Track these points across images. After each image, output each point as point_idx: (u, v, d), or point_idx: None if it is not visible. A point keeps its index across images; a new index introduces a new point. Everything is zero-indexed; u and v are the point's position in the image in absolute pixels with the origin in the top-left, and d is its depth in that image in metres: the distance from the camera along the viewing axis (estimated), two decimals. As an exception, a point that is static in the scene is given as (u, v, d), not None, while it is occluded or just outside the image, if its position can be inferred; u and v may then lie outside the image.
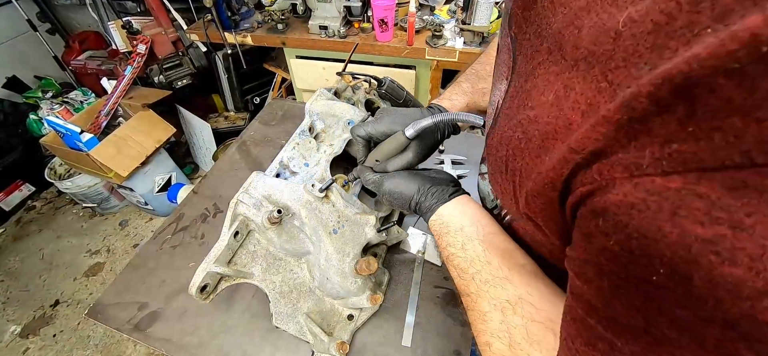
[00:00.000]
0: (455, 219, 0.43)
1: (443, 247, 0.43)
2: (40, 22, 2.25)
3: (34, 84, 2.28)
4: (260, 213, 0.50)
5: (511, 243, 0.40)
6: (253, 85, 2.16)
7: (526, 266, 0.38)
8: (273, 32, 1.57)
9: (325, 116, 0.65)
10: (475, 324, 0.37)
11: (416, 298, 0.62)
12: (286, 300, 0.57)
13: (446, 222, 0.44)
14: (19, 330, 1.61)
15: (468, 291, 0.39)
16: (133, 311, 0.64)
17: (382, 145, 0.49)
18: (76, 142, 1.53)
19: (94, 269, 1.83)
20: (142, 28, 1.84)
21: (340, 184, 0.56)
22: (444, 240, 0.43)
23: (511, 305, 0.34)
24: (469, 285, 0.39)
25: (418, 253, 0.68)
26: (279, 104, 1.11)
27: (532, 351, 0.31)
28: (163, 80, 1.90)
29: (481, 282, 0.37)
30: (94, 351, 1.52)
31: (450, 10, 1.49)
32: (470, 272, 0.39)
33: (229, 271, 0.51)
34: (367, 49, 1.42)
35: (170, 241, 0.75)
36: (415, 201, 0.47)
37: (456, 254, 0.41)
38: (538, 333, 0.32)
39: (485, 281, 0.37)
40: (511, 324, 0.33)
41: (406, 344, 0.58)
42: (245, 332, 0.60)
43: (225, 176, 0.89)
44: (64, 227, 2.05)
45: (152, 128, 1.75)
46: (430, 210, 0.45)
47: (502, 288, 0.36)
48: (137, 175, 1.71)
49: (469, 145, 0.90)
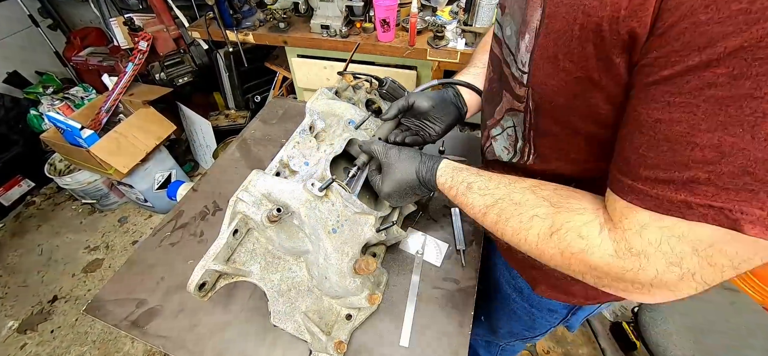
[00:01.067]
0: (455, 165, 0.49)
1: (459, 182, 0.47)
2: (41, 18, 2.25)
3: (35, 79, 2.28)
4: (260, 211, 0.50)
5: None
6: (254, 83, 2.16)
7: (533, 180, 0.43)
8: (275, 31, 1.57)
9: (326, 115, 0.65)
10: (511, 219, 0.40)
11: (415, 298, 0.62)
12: (284, 299, 0.57)
13: (454, 164, 0.50)
14: (16, 326, 1.61)
15: (497, 197, 0.42)
16: (131, 308, 0.64)
17: (384, 125, 0.58)
18: (77, 138, 1.53)
19: (92, 265, 1.83)
20: (144, 24, 1.84)
21: (342, 176, 0.58)
22: (460, 177, 0.47)
23: (536, 186, 0.40)
24: (495, 192, 0.42)
25: (416, 254, 0.68)
26: (280, 103, 1.11)
27: (571, 200, 0.36)
28: (164, 77, 1.91)
29: (506, 183, 0.42)
30: (91, 347, 1.52)
31: (452, 11, 1.49)
32: (494, 182, 0.43)
33: (228, 269, 0.51)
34: (368, 49, 1.42)
35: (169, 238, 0.75)
36: (418, 169, 0.52)
37: (475, 182, 0.45)
38: (566, 192, 0.37)
39: (509, 181, 0.42)
40: (544, 195, 0.38)
41: (404, 344, 0.57)
42: (243, 330, 0.60)
43: (225, 174, 0.89)
44: (63, 223, 2.05)
45: (153, 125, 1.75)
46: (434, 167, 0.51)
47: (523, 181, 0.41)
48: (137, 171, 1.71)
49: (469, 146, 0.90)
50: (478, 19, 1.22)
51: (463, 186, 0.46)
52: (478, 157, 0.86)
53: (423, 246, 0.69)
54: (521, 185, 0.41)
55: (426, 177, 0.51)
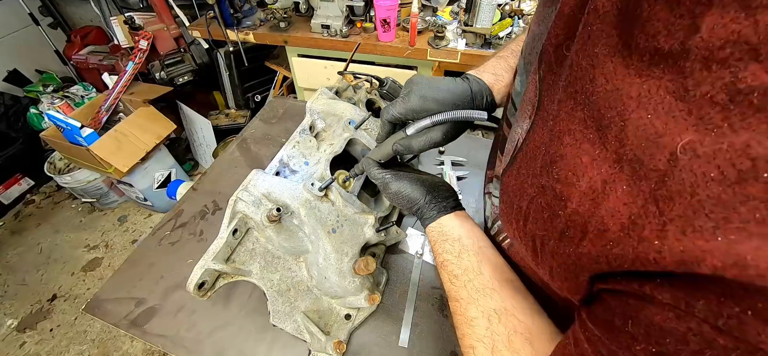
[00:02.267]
0: (454, 230, 0.45)
1: (439, 253, 0.45)
2: (42, 16, 2.25)
3: (36, 78, 2.28)
4: (259, 211, 0.50)
5: (501, 260, 0.42)
6: (254, 82, 2.16)
7: (514, 281, 0.40)
8: (275, 30, 1.57)
9: (326, 115, 0.65)
10: (461, 327, 0.39)
11: (414, 299, 0.62)
12: (283, 299, 0.56)
13: (445, 230, 0.45)
14: (16, 324, 1.61)
15: (458, 297, 0.41)
16: (131, 307, 0.64)
17: (385, 144, 0.49)
18: (77, 136, 1.53)
19: (92, 264, 1.83)
20: (144, 23, 1.84)
21: (340, 180, 0.56)
22: (440, 247, 0.45)
23: (498, 314, 0.37)
24: (460, 291, 0.41)
25: (416, 254, 0.68)
26: (280, 102, 1.11)
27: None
28: (164, 76, 1.90)
29: (472, 289, 0.40)
30: (90, 346, 1.52)
31: (452, 11, 1.49)
32: (462, 279, 0.41)
33: (228, 269, 0.51)
34: (369, 49, 1.42)
35: (169, 237, 0.75)
36: (419, 207, 0.48)
37: (451, 261, 0.43)
38: (518, 343, 0.34)
39: (476, 289, 0.39)
40: (496, 332, 0.36)
41: (403, 344, 0.57)
42: (242, 330, 0.60)
43: (225, 173, 0.89)
44: (63, 222, 2.05)
45: (153, 124, 1.75)
46: (431, 218, 0.47)
47: (491, 298, 0.38)
48: (137, 170, 1.71)
49: (469, 147, 0.90)
50: (478, 19, 1.22)
51: (440, 257, 0.45)
52: (478, 157, 0.86)
53: (423, 247, 0.69)
54: (484, 301, 0.38)
55: (422, 216, 0.49)
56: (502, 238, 0.42)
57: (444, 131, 0.45)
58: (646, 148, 0.18)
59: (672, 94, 0.17)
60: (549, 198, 0.24)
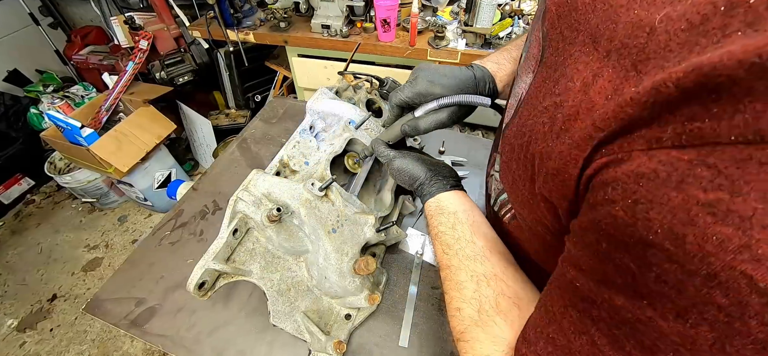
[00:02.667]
0: (451, 205, 0.47)
1: (434, 226, 0.46)
2: (42, 16, 2.25)
3: (36, 78, 2.27)
4: (259, 211, 0.50)
5: (495, 235, 0.44)
6: (254, 82, 2.16)
7: (505, 254, 0.42)
8: (275, 30, 1.57)
9: (326, 115, 0.65)
10: (449, 292, 0.40)
11: (414, 299, 0.62)
12: (283, 299, 0.56)
13: (442, 205, 0.47)
14: (16, 324, 1.61)
15: (449, 264, 0.42)
16: (131, 306, 0.64)
17: (394, 126, 0.52)
18: (77, 136, 1.53)
19: (92, 264, 1.83)
20: (145, 23, 1.84)
21: (350, 163, 0.58)
22: (436, 220, 0.47)
23: (486, 278, 0.38)
24: (451, 259, 0.42)
25: (416, 254, 0.68)
26: (280, 102, 1.11)
27: (497, 319, 0.35)
28: (164, 76, 1.90)
29: (464, 256, 0.41)
30: (90, 346, 1.52)
31: (452, 11, 1.49)
32: (455, 248, 0.42)
33: (228, 269, 0.51)
34: (369, 49, 1.42)
35: (169, 237, 0.75)
36: (420, 182, 0.50)
37: (445, 232, 0.44)
38: (505, 305, 0.36)
39: (467, 256, 0.41)
40: (483, 294, 0.37)
41: (403, 344, 0.57)
42: (242, 329, 0.60)
43: (225, 173, 0.89)
44: (63, 221, 2.05)
45: (153, 124, 1.75)
46: (430, 194, 0.49)
47: (481, 263, 0.40)
48: (137, 170, 1.71)
49: (469, 147, 0.90)
50: (478, 19, 1.22)
51: (434, 230, 0.46)
52: (478, 157, 0.86)
53: (423, 247, 0.69)
54: (474, 266, 0.39)
55: (421, 192, 0.51)
56: (505, 212, 0.43)
57: (449, 113, 0.48)
58: (631, 34, 0.21)
59: None
60: (551, 112, 0.27)
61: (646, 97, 0.19)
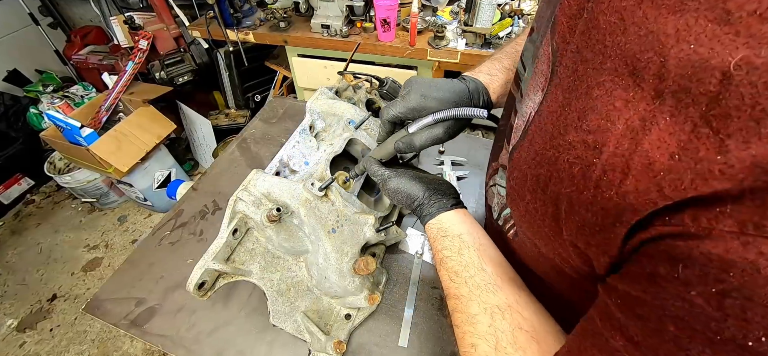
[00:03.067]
0: (454, 227, 0.44)
1: (438, 250, 0.44)
2: (42, 16, 2.25)
3: (35, 78, 2.27)
4: (259, 211, 0.50)
5: (503, 258, 0.42)
6: (254, 82, 2.16)
7: (516, 279, 0.39)
8: (275, 30, 1.57)
9: (326, 115, 0.65)
10: (461, 326, 0.38)
11: (414, 299, 0.62)
12: (283, 299, 0.56)
13: (445, 227, 0.45)
14: (15, 324, 1.61)
15: (459, 294, 0.39)
16: (131, 306, 0.64)
17: (387, 143, 0.49)
18: (76, 136, 1.53)
19: (92, 264, 1.83)
20: (144, 23, 1.84)
21: (341, 181, 0.56)
22: (440, 244, 0.44)
23: (501, 311, 0.35)
24: (460, 288, 0.39)
25: (416, 254, 0.68)
26: (280, 102, 1.11)
27: (516, 355, 0.32)
28: (164, 76, 1.90)
29: (474, 286, 0.38)
30: (90, 346, 1.52)
31: (452, 11, 1.49)
32: (463, 275, 0.40)
33: (228, 269, 0.51)
34: (368, 49, 1.42)
35: (169, 237, 0.75)
36: (419, 203, 0.47)
37: (451, 257, 0.42)
38: (523, 340, 0.33)
39: (477, 286, 0.38)
40: (499, 328, 0.34)
41: (402, 344, 0.57)
42: (242, 330, 0.60)
43: (225, 173, 0.89)
44: (63, 221, 2.05)
45: (152, 124, 1.75)
46: (431, 215, 0.46)
47: (494, 294, 0.37)
48: (137, 170, 1.71)
49: (469, 147, 0.90)
50: (478, 19, 1.22)
51: (439, 254, 0.43)
52: (478, 157, 0.86)
53: (423, 247, 0.69)
54: (487, 297, 0.37)
55: (421, 214, 0.48)
56: (509, 227, 0.41)
57: (445, 128, 0.45)
58: (692, 75, 0.18)
59: (713, 21, 0.17)
60: (579, 152, 0.24)
61: (744, 174, 0.16)
